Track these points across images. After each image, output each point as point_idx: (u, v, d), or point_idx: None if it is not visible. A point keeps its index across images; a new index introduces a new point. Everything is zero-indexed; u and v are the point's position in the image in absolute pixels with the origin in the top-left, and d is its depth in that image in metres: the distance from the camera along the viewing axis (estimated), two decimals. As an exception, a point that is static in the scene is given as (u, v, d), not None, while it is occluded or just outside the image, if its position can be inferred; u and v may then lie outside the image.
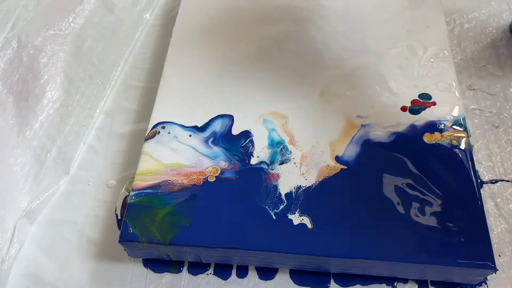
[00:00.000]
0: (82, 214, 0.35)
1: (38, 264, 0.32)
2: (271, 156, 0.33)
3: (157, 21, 0.46)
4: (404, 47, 0.39)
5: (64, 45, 0.41)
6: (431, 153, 0.32)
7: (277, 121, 0.34)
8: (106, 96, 0.40)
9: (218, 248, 0.29)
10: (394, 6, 0.41)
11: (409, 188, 0.31)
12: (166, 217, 0.30)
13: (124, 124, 0.39)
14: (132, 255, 0.32)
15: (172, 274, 0.32)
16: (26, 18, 0.42)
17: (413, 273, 0.30)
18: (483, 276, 0.30)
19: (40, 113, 0.38)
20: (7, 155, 0.35)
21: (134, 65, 0.43)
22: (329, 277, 0.31)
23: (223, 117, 0.35)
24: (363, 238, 0.29)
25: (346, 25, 0.40)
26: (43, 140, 0.37)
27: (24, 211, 0.33)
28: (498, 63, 0.42)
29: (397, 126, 0.34)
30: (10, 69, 0.39)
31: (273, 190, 0.31)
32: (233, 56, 0.39)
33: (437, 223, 0.29)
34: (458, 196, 0.30)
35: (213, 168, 0.32)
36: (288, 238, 0.29)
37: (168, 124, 0.34)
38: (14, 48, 0.40)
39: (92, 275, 0.32)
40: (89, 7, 0.44)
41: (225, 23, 0.41)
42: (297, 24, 0.41)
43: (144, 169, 0.32)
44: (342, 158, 0.32)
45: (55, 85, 0.39)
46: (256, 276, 0.32)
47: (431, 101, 0.35)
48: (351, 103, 0.35)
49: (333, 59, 0.38)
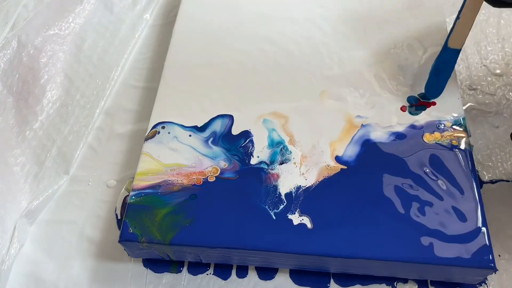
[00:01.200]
0: (82, 214, 0.35)
1: (38, 264, 0.32)
2: (271, 156, 0.33)
3: (157, 21, 0.46)
4: (404, 47, 0.39)
5: (64, 45, 0.41)
6: (431, 153, 0.32)
7: (277, 121, 0.34)
8: (106, 96, 0.40)
9: (218, 248, 0.29)
10: (394, 6, 0.41)
11: (409, 188, 0.31)
12: (166, 217, 0.30)
13: (124, 124, 0.39)
14: (132, 255, 0.32)
15: (172, 274, 0.32)
16: (26, 18, 0.42)
17: (413, 273, 0.31)
18: (483, 276, 0.30)
19: (40, 113, 0.38)
20: (7, 155, 0.36)
21: (134, 65, 0.43)
22: (329, 277, 0.31)
23: (223, 117, 0.35)
24: (363, 238, 0.29)
25: (346, 25, 0.40)
26: (43, 140, 0.37)
27: (24, 211, 0.33)
28: (498, 63, 0.42)
29: (397, 126, 0.34)
30: (10, 69, 0.39)
31: (273, 190, 0.31)
32: (233, 56, 0.39)
33: (437, 223, 0.29)
34: (458, 196, 0.30)
35: (213, 168, 0.32)
36: (288, 238, 0.29)
37: (168, 124, 0.34)
38: (14, 48, 0.40)
39: (92, 275, 0.32)
40: (89, 7, 0.44)
41: (225, 23, 0.41)
42: (296, 24, 0.41)
43: (144, 169, 0.32)
44: (342, 158, 0.32)
45: (55, 85, 0.40)
46: (256, 276, 0.32)
47: (431, 101, 0.35)
48: (351, 103, 0.35)
49: (333, 59, 0.38)
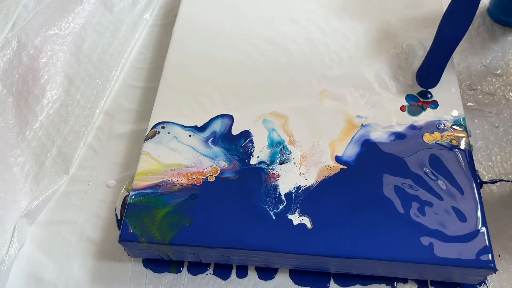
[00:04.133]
0: (82, 214, 0.35)
1: (38, 264, 0.32)
2: (271, 156, 0.33)
3: (157, 21, 0.46)
4: (404, 47, 0.39)
5: (64, 45, 0.41)
6: (431, 153, 0.32)
7: (277, 121, 0.34)
8: (106, 96, 0.40)
9: (218, 248, 0.29)
10: (394, 6, 0.41)
11: (409, 188, 0.31)
12: (166, 217, 0.30)
13: (124, 124, 0.39)
14: (132, 255, 0.32)
15: (172, 274, 0.32)
16: (26, 18, 0.42)
17: (413, 273, 0.30)
18: (483, 276, 0.30)
19: (40, 113, 0.38)
20: (7, 155, 0.36)
21: (134, 65, 0.43)
22: (329, 277, 0.31)
23: (223, 117, 0.35)
24: (363, 238, 0.29)
25: (346, 25, 0.40)
26: (43, 140, 0.37)
27: (24, 211, 0.33)
28: (498, 63, 0.42)
29: (397, 126, 0.34)
30: (10, 69, 0.39)
31: (273, 190, 0.31)
32: (233, 56, 0.39)
33: (437, 223, 0.29)
34: (458, 196, 0.30)
35: (213, 168, 0.32)
36: (288, 238, 0.29)
37: (168, 124, 0.34)
38: (14, 48, 0.40)
39: (92, 274, 0.32)
40: (89, 7, 0.44)
41: (225, 23, 0.41)
42: (296, 24, 0.41)
43: (144, 169, 0.32)
44: (342, 158, 0.32)
45: (55, 85, 0.40)
46: (256, 276, 0.32)
47: (431, 99, 0.35)
48: (351, 103, 0.35)
49: (333, 59, 0.38)
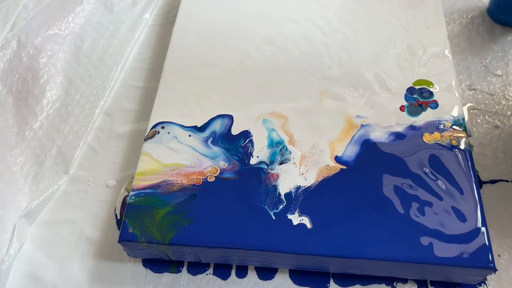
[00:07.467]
0: (82, 214, 0.35)
1: (38, 264, 0.32)
2: (270, 156, 0.33)
3: (157, 21, 0.47)
4: (404, 47, 0.39)
5: (64, 45, 0.41)
6: (430, 153, 0.32)
7: (276, 121, 0.34)
8: (106, 96, 0.40)
9: (218, 248, 0.29)
10: (394, 6, 0.41)
11: (409, 188, 0.31)
12: (165, 217, 0.30)
13: (123, 124, 0.39)
14: (131, 255, 0.32)
15: (172, 274, 0.32)
16: (26, 18, 0.42)
17: (412, 273, 0.30)
18: (483, 276, 0.30)
19: (39, 113, 0.38)
20: (6, 155, 0.36)
21: (134, 65, 0.43)
22: (329, 277, 0.31)
23: (222, 117, 0.35)
24: (362, 238, 0.29)
25: (346, 25, 0.40)
26: (42, 140, 0.37)
27: (24, 211, 0.33)
28: (498, 63, 0.42)
29: (396, 126, 0.34)
30: (10, 69, 0.39)
31: (272, 190, 0.31)
32: (233, 56, 0.39)
33: (437, 223, 0.29)
34: (458, 196, 0.30)
35: (213, 168, 0.32)
36: (287, 238, 0.29)
37: (168, 124, 0.34)
38: (14, 48, 0.40)
39: (92, 275, 0.32)
40: (89, 7, 0.44)
41: (225, 23, 0.41)
42: (296, 24, 0.41)
43: (144, 169, 0.32)
44: (342, 158, 0.32)
45: (55, 85, 0.40)
46: (256, 276, 0.32)
47: (431, 100, 0.35)
48: (351, 103, 0.35)
49: (333, 59, 0.38)
